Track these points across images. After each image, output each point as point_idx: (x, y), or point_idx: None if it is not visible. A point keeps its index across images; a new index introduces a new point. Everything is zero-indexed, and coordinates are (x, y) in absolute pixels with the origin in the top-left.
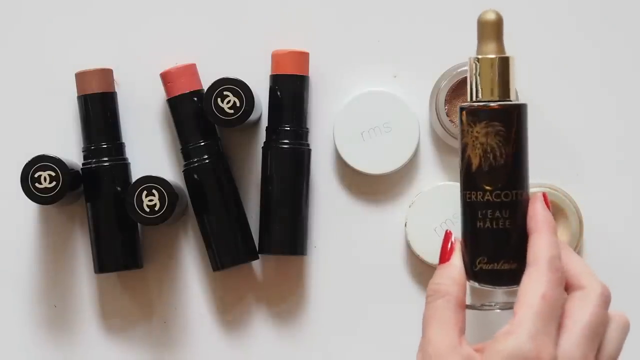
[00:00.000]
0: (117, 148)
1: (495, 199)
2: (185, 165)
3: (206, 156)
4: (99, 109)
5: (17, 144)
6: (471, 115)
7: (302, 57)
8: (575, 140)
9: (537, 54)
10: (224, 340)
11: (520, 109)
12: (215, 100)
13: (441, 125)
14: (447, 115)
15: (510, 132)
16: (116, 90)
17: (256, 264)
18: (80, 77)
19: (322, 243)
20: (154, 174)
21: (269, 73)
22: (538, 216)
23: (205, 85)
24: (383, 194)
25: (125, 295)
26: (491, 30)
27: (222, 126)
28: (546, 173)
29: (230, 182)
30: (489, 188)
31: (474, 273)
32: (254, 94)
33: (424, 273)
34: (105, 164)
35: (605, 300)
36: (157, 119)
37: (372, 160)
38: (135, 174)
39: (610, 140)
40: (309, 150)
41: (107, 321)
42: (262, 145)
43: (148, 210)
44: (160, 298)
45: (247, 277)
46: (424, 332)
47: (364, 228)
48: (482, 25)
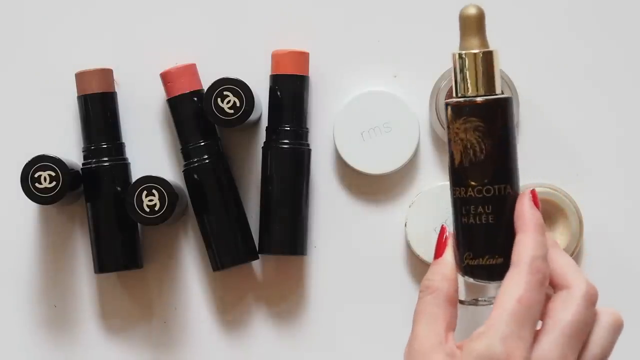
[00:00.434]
0: (117, 148)
1: (477, 195)
2: (185, 165)
3: (206, 156)
4: (99, 109)
5: (17, 144)
6: (453, 111)
7: (302, 57)
8: (575, 140)
9: (538, 54)
10: (224, 340)
11: (502, 103)
12: (215, 100)
13: (441, 125)
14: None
15: (491, 127)
16: (116, 90)
17: (256, 264)
18: (80, 77)
19: (322, 243)
20: (154, 174)
21: (269, 73)
22: (524, 215)
23: (205, 85)
24: (383, 194)
25: (125, 295)
26: (472, 25)
27: (222, 126)
28: (546, 173)
29: (230, 182)
30: (471, 183)
31: (463, 268)
32: (254, 94)
33: (424, 273)
34: (105, 164)
35: (590, 299)
36: (157, 119)
37: (372, 160)
38: (135, 174)
39: (610, 140)
40: (309, 150)
41: (107, 321)
42: (262, 145)
43: (148, 210)
44: (160, 298)
45: (247, 277)
46: (412, 327)
47: (364, 228)
48: (464, 20)
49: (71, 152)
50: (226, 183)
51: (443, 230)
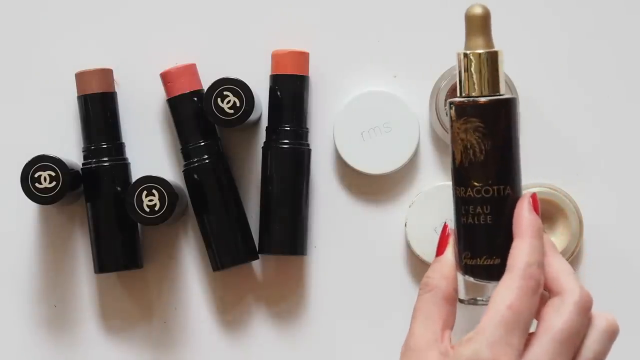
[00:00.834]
0: (117, 148)
1: (476, 195)
2: (185, 165)
3: (206, 156)
4: (99, 109)
5: (17, 144)
6: (455, 111)
7: (302, 57)
8: (576, 141)
9: (538, 54)
10: (224, 340)
11: (503, 104)
12: (215, 100)
13: (441, 125)
14: (447, 115)
15: (493, 128)
16: (116, 90)
17: (256, 264)
18: (80, 77)
19: (322, 243)
20: (154, 174)
21: (269, 73)
22: (522, 220)
23: (205, 85)
24: (383, 194)
25: (125, 295)
26: (478, 24)
27: (222, 126)
28: (546, 173)
29: (230, 182)
30: (471, 183)
31: (463, 267)
32: (254, 94)
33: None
34: (105, 164)
35: (584, 306)
36: (157, 119)
37: (372, 160)
38: (135, 174)
39: (610, 140)
40: (309, 150)
41: (107, 321)
42: (262, 145)
43: (148, 210)
44: (160, 298)
45: (247, 277)
46: (410, 325)
47: (364, 228)
48: (469, 19)
49: (71, 152)
50: (226, 183)
51: (445, 227)
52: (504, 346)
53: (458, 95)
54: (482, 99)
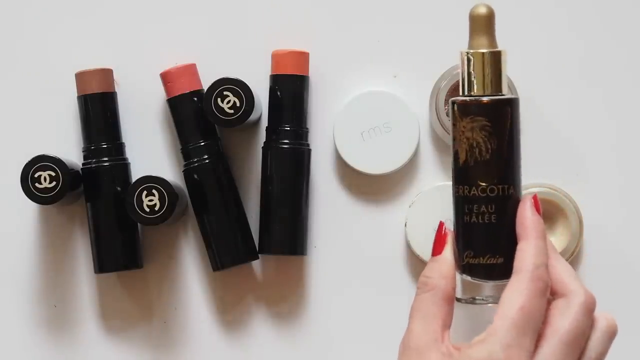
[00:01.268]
0: (117, 148)
1: (481, 194)
2: (185, 165)
3: (206, 156)
4: (99, 109)
5: (17, 144)
6: (459, 110)
7: (302, 57)
8: (576, 140)
9: (538, 54)
10: (224, 340)
11: (509, 103)
12: (215, 100)
13: (441, 125)
14: (447, 115)
15: (497, 127)
16: (116, 90)
17: (256, 264)
18: (80, 77)
19: (322, 243)
20: (154, 174)
21: (269, 73)
22: (526, 221)
23: (205, 85)
24: (383, 194)
25: (125, 295)
26: (482, 24)
27: (222, 126)
28: (546, 173)
29: (230, 182)
30: (475, 183)
31: (462, 267)
32: (254, 94)
33: None
34: (105, 164)
35: (588, 307)
36: (157, 119)
37: (372, 160)
38: (135, 174)
39: (610, 140)
40: (309, 150)
41: (107, 321)
42: (262, 145)
43: (148, 210)
44: (160, 298)
45: (247, 277)
46: (408, 324)
47: (364, 228)
48: (473, 19)
49: (71, 152)
50: (226, 183)
51: (441, 226)
52: (518, 348)
53: (460, 94)
54: (488, 98)
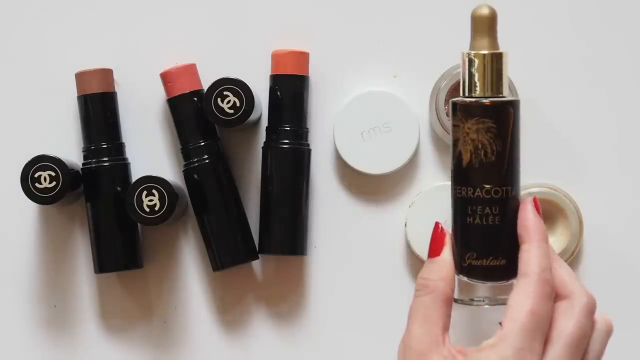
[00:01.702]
0: (117, 148)
1: (485, 195)
2: (185, 165)
3: (206, 156)
4: (99, 109)
5: (17, 144)
6: (463, 111)
7: (302, 57)
8: (576, 140)
9: (538, 54)
10: (224, 340)
11: (513, 105)
12: (215, 100)
13: (441, 125)
14: (447, 115)
15: (502, 129)
16: (116, 90)
17: (256, 264)
18: (80, 77)
19: (322, 243)
20: (154, 174)
21: (269, 73)
22: (529, 224)
23: (205, 85)
24: (383, 194)
25: (125, 295)
26: (484, 25)
27: (222, 126)
28: (546, 173)
29: (230, 182)
30: (479, 184)
31: (462, 268)
32: (254, 94)
33: None
34: (105, 164)
35: (590, 309)
36: (157, 119)
37: (372, 160)
38: (135, 174)
39: (610, 140)
40: (309, 150)
41: (107, 321)
42: (262, 145)
43: (148, 210)
44: (160, 298)
45: (247, 277)
46: (408, 326)
47: (364, 228)
48: (475, 20)
49: (71, 152)
50: (226, 183)
51: (437, 226)
52: (528, 352)
53: (462, 95)
54: (490, 100)
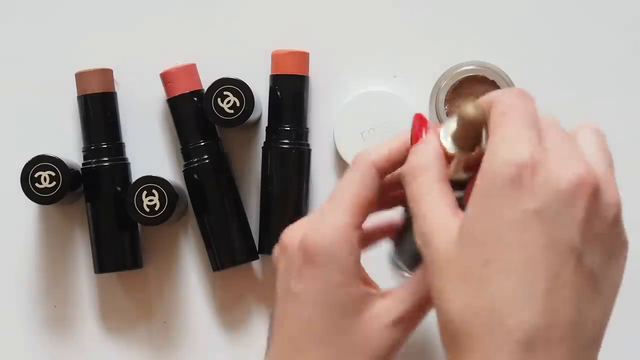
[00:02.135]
0: (117, 148)
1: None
2: (185, 165)
3: (206, 156)
4: (99, 109)
5: (17, 144)
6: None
7: (302, 57)
8: None
9: (538, 54)
10: (224, 340)
11: None
12: (215, 100)
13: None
14: (447, 115)
15: None
16: (116, 90)
17: (256, 264)
18: (80, 77)
19: None
20: (154, 174)
21: (269, 73)
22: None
23: (205, 85)
24: None
25: (125, 295)
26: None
27: (222, 126)
28: None
29: (230, 182)
30: None
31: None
32: (254, 94)
33: None
34: (105, 164)
35: (518, 91)
36: (157, 119)
37: None
38: (135, 174)
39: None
40: (309, 150)
41: (107, 321)
42: (262, 145)
43: (148, 210)
44: (160, 298)
45: (247, 277)
46: (414, 213)
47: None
48: (462, 122)
49: (71, 152)
50: (226, 183)
51: (417, 117)
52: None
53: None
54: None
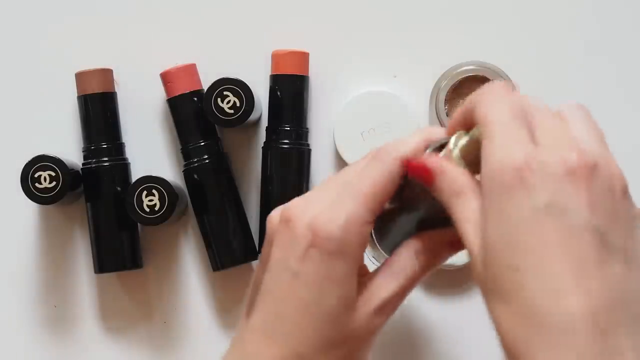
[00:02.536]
0: (117, 148)
1: None
2: (185, 165)
3: (206, 156)
4: (99, 109)
5: (17, 144)
6: None
7: (302, 57)
8: None
9: (538, 54)
10: (224, 340)
11: None
12: (215, 100)
13: (441, 125)
14: (447, 115)
15: None
16: (116, 90)
17: (256, 264)
18: (80, 77)
19: None
20: (154, 174)
21: (269, 73)
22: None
23: (205, 85)
24: None
25: (125, 295)
26: None
27: (222, 126)
28: None
29: (230, 182)
30: None
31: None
32: (254, 94)
33: None
34: (105, 164)
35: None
36: (157, 119)
37: None
38: (135, 174)
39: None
40: (309, 150)
41: (107, 321)
42: (262, 145)
43: (148, 210)
44: (160, 298)
45: (247, 277)
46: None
47: None
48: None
49: (71, 152)
50: (226, 183)
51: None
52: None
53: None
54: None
